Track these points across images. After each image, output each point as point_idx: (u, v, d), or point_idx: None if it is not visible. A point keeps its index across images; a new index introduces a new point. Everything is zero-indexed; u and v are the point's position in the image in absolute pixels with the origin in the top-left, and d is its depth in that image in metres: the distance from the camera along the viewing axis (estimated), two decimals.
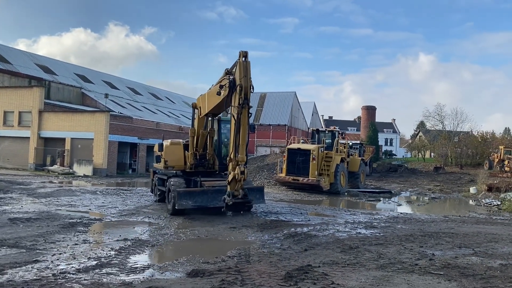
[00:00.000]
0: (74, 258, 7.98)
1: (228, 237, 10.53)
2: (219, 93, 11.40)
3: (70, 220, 11.95)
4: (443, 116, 65.68)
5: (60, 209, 14.04)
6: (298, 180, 22.59)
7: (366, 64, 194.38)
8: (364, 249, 9.23)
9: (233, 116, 10.83)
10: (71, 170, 31.67)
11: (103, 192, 19.77)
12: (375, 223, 12.70)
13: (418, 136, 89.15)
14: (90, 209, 14.51)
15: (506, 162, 46.48)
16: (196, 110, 14.14)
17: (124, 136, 34.27)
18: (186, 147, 14.74)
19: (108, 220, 12.58)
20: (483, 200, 22.62)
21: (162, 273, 7.26)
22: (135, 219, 12.85)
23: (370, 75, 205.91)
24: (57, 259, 7.87)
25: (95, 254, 8.38)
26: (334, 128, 26.46)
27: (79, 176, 30.46)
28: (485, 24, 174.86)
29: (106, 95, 37.84)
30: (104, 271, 7.25)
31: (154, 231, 11.17)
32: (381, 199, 22.27)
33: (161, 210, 14.43)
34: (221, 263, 7.99)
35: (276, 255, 8.61)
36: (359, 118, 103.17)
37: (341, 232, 11.23)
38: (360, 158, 27.82)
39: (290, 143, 24.89)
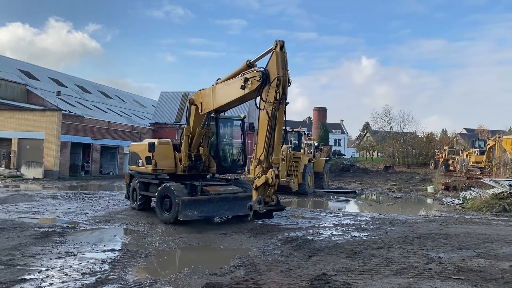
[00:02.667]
0: (67, 275, 7.10)
1: (222, 245, 9.93)
2: (243, 87, 10.19)
3: (42, 229, 10.85)
4: (391, 117, 68.25)
5: (24, 217, 12.78)
6: None
7: (311, 67, 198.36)
8: (368, 254, 8.98)
9: (267, 113, 9.57)
10: (18, 173, 29.44)
11: (65, 196, 18.37)
12: (363, 225, 12.56)
13: (366, 137, 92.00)
14: (57, 216, 13.33)
15: (450, 162, 48.93)
16: (193, 106, 12.82)
17: (77, 136, 32.39)
18: (175, 147, 13.50)
19: (83, 228, 11.55)
20: (443, 199, 23.32)
21: None
22: (111, 226, 11.91)
23: (315, 78, 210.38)
24: (47, 277, 6.96)
25: (88, 268, 7.52)
26: (300, 128, 26.36)
27: (29, 179, 28.38)
28: (421, 31, 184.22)
29: (59, 93, 35.64)
30: None
31: (139, 239, 10.35)
32: (350, 199, 22.40)
33: (136, 216, 13.52)
34: (229, 274, 7.43)
35: (283, 263, 8.16)
36: (308, 118, 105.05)
37: (337, 236, 10.95)
38: (324, 158, 27.93)
39: None
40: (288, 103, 9.81)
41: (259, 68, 10.14)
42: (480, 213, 17.27)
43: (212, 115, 12.88)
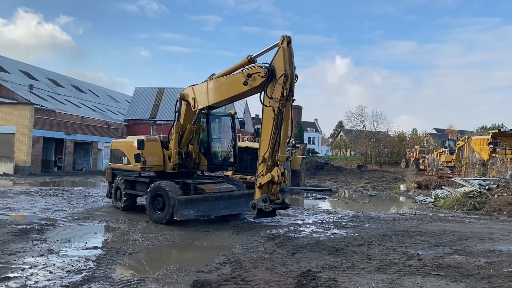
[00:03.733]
0: (51, 273, 7.01)
1: (205, 242, 9.96)
2: (245, 83, 9.89)
3: (20, 227, 10.63)
4: (364, 117, 69.51)
5: None
6: (246, 178, 22.21)
7: None
8: (349, 251, 9.18)
9: (273, 110, 9.37)
10: None
11: (39, 193, 17.98)
12: (343, 223, 12.81)
13: (339, 135, 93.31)
14: (34, 212, 13.07)
15: (421, 161, 50.22)
16: (184, 102, 12.40)
17: (50, 131, 31.66)
18: (162, 144, 13.07)
19: (62, 225, 11.37)
20: (416, 197, 23.93)
21: (162, 286, 6.60)
22: (91, 223, 11.78)
23: None
24: (31, 275, 6.86)
25: (72, 266, 7.44)
26: None
27: None
28: (393, 32, 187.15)
29: (31, 86, 34.69)
30: (94, 286, 6.43)
31: (121, 236, 10.29)
32: (326, 197, 22.75)
33: (116, 213, 13.39)
34: (216, 271, 7.49)
35: (267, 260, 8.26)
36: None
37: (318, 233, 11.14)
38: (301, 156, 28.23)
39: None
40: (294, 99, 9.60)
41: (263, 63, 9.87)
42: (452, 211, 17.80)
43: (203, 111, 12.51)
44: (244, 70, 10.33)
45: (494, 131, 32.27)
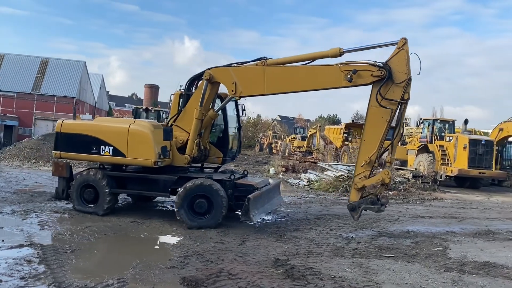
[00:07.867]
0: (1, 282, 5.75)
1: (142, 234, 9.19)
2: (350, 80, 9.29)
3: None
4: None
5: None
6: None
7: (132, 41, 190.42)
8: (291, 236, 9.53)
9: (390, 111, 9.39)
10: None
11: None
12: None
13: None
14: None
15: (273, 146, 54.02)
16: (210, 84, 10.44)
17: None
18: None
19: None
20: (288, 180, 25.65)
21: (152, 287, 6.00)
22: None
23: (137, 52, 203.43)
24: None
25: (19, 271, 6.26)
26: (159, 107, 25.61)
27: None
28: (239, 21, 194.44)
29: None
30: None
31: (39, 230, 8.91)
32: None
33: (4, 202, 11.41)
34: (187, 266, 7.10)
35: (227, 251, 8.12)
36: (135, 95, 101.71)
37: None
38: None
39: None
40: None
41: (376, 62, 9.52)
42: (329, 193, 19.54)
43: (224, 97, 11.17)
44: (341, 65, 9.69)
45: (348, 122, 36.38)
